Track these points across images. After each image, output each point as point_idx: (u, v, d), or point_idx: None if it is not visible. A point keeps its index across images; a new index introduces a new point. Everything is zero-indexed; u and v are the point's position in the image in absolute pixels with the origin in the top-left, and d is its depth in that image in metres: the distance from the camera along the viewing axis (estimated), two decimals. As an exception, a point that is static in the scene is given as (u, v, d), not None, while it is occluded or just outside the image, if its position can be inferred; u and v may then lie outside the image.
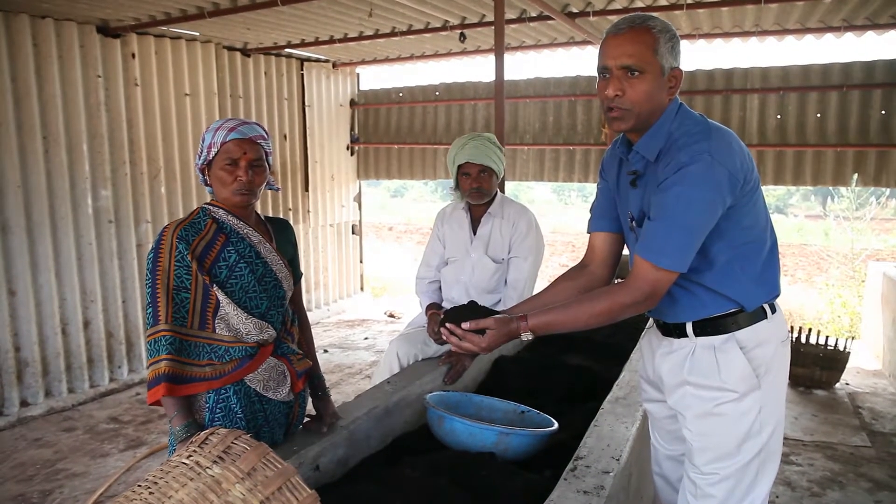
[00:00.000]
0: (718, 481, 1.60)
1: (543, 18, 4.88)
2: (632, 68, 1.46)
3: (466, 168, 2.77)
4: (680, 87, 1.53)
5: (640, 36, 1.46)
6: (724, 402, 1.56)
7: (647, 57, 1.45)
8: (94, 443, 3.91)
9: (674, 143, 1.49)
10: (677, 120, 1.53)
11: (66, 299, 4.64)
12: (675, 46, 1.50)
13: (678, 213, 1.44)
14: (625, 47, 1.46)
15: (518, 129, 6.77)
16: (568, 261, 13.21)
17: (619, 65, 1.46)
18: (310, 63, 6.92)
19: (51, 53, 4.47)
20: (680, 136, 1.49)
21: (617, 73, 1.47)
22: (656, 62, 1.46)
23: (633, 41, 1.46)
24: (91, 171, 4.76)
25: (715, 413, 1.57)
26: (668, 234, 1.45)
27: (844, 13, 4.71)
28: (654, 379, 1.78)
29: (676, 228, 1.45)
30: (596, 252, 1.83)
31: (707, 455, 1.61)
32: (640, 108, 1.49)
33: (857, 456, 3.61)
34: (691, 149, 1.44)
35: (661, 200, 1.47)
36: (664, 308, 1.63)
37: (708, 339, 1.60)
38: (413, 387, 2.54)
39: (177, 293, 1.75)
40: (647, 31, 1.46)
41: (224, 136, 1.79)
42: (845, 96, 5.47)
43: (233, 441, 1.25)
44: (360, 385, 4.88)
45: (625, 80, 1.47)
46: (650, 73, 1.46)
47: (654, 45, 1.45)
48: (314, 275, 7.21)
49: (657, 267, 1.47)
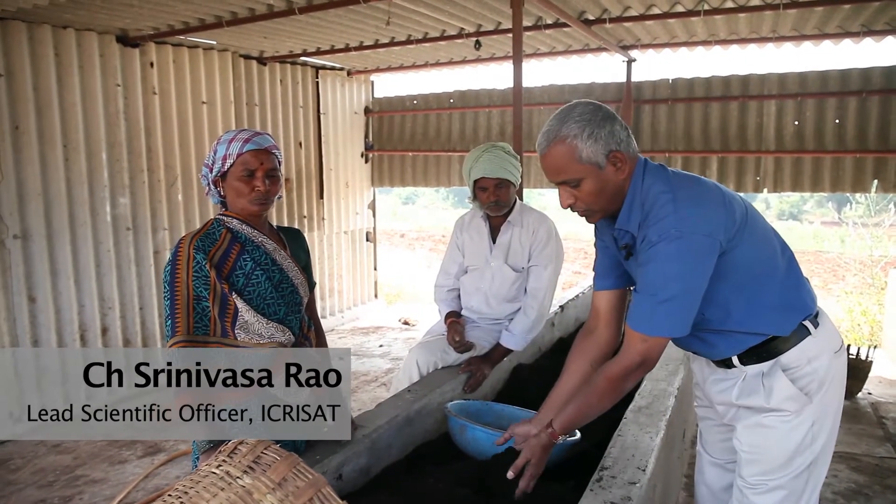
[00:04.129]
0: (766, 491, 1.62)
1: (559, 26, 4.88)
2: (567, 182, 1.52)
3: (482, 183, 2.75)
4: (628, 165, 1.54)
5: (559, 151, 1.50)
6: (772, 418, 1.60)
7: (574, 167, 1.49)
8: (112, 449, 3.93)
9: (645, 219, 1.53)
10: (643, 190, 1.55)
11: (84, 306, 4.68)
12: (599, 136, 1.48)
13: (658, 287, 1.49)
14: (552, 166, 1.52)
15: (533, 137, 6.74)
16: (581, 268, 13.16)
17: (557, 181, 1.54)
18: (325, 71, 6.96)
19: (72, 63, 4.53)
20: (650, 209, 1.52)
21: (560, 188, 1.55)
22: (586, 167, 1.50)
23: (556, 158, 1.51)
24: (110, 179, 4.81)
25: (765, 425, 1.60)
26: (653, 308, 1.50)
27: (863, 18, 4.67)
28: (706, 400, 1.83)
29: (659, 301, 1.49)
30: (601, 313, 1.85)
31: (756, 467, 1.63)
32: (596, 205, 1.55)
33: (882, 467, 3.55)
34: (658, 227, 1.48)
35: (642, 275, 1.53)
36: (704, 351, 1.70)
37: (756, 366, 1.63)
38: (433, 395, 2.52)
39: (197, 303, 1.76)
40: (563, 143, 1.49)
41: (240, 147, 1.80)
42: (864, 102, 5.42)
43: (263, 451, 1.25)
44: (375, 393, 4.87)
45: (570, 191, 1.54)
46: (587, 176, 1.51)
47: (575, 154, 1.49)
48: (329, 282, 7.22)
49: (645, 337, 1.52)
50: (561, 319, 3.97)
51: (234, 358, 1.79)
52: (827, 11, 4.50)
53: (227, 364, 1.77)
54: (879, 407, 4.51)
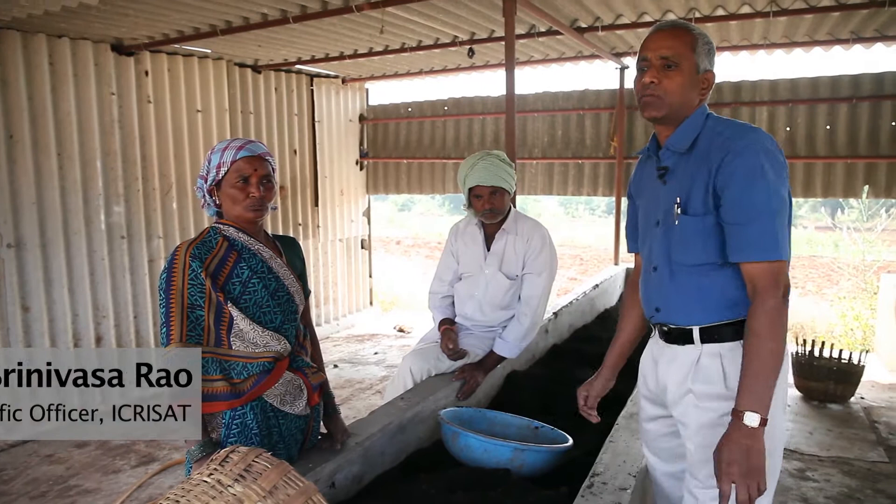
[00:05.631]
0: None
1: (552, 33, 4.91)
2: (669, 60, 1.54)
3: (478, 190, 2.77)
4: (707, 93, 1.61)
5: (681, 33, 1.56)
6: (728, 413, 1.51)
7: (684, 52, 1.55)
8: (106, 459, 3.92)
9: (718, 134, 1.54)
10: (711, 119, 1.60)
11: (78, 315, 4.67)
12: (710, 51, 1.59)
13: (763, 204, 1.46)
14: (665, 41, 1.56)
15: (527, 143, 6.79)
16: (576, 274, 13.18)
17: (658, 55, 1.55)
18: (319, 79, 6.99)
19: (66, 72, 4.54)
20: (725, 129, 1.55)
21: (656, 63, 1.56)
22: (692, 59, 1.55)
23: (674, 37, 1.56)
24: (104, 188, 4.81)
25: (720, 424, 1.54)
26: (772, 229, 1.47)
27: (853, 25, 4.71)
28: (657, 391, 1.75)
29: (773, 220, 1.47)
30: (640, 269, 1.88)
31: (710, 467, 1.55)
32: (672, 97, 1.56)
33: (874, 472, 3.57)
34: (743, 142, 1.49)
35: (745, 200, 1.47)
36: (676, 307, 1.64)
37: (715, 346, 1.59)
38: (427, 402, 2.53)
39: (191, 311, 1.76)
40: (688, 31, 1.57)
41: (234, 154, 1.81)
42: (855, 108, 5.47)
43: (254, 459, 1.25)
44: (370, 400, 4.87)
45: (662, 71, 1.55)
46: (686, 68, 1.55)
47: (692, 44, 1.55)
48: (324, 289, 7.22)
49: (773, 262, 1.47)
50: (555, 326, 3.98)
51: (226, 367, 1.79)
52: (817, 19, 4.54)
53: (220, 373, 1.78)
54: (872, 411, 4.53)
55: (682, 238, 1.59)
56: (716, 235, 1.54)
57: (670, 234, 1.62)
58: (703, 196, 1.54)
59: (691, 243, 1.57)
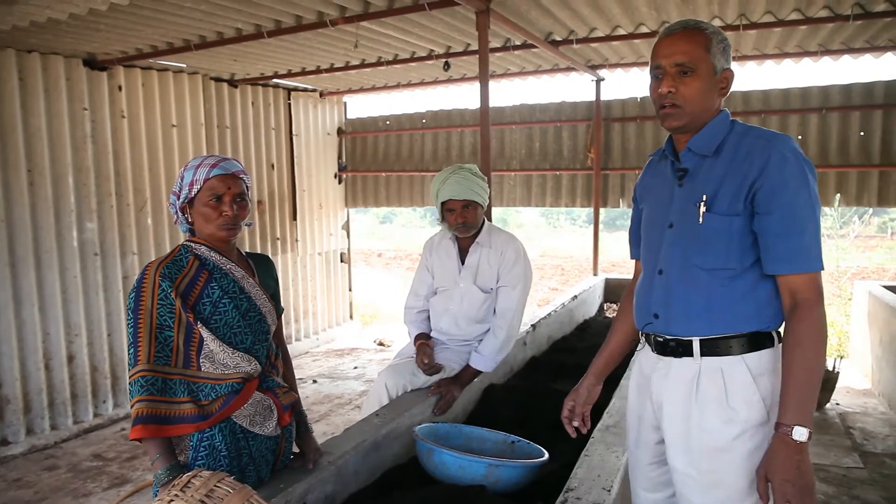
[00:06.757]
0: None
1: (527, 47, 4.95)
2: (685, 66, 1.47)
3: (450, 204, 2.77)
4: (727, 91, 1.55)
5: (693, 36, 1.49)
6: (734, 438, 1.47)
7: (699, 55, 1.47)
8: (76, 482, 3.82)
9: (756, 137, 1.49)
10: (734, 123, 1.55)
11: (49, 334, 4.58)
12: (726, 48, 1.51)
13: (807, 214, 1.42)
14: (678, 46, 1.49)
15: (505, 155, 6.82)
16: (557, 284, 13.23)
17: (672, 63, 1.49)
18: (297, 93, 6.97)
19: (37, 87, 4.47)
20: (758, 132, 1.50)
21: (670, 70, 1.49)
22: (709, 61, 1.48)
23: (687, 40, 1.48)
24: (77, 204, 4.74)
25: (725, 449, 1.48)
26: (817, 239, 1.43)
27: (820, 38, 4.82)
28: (651, 409, 1.64)
29: (817, 230, 1.43)
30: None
31: (715, 494, 1.49)
32: (692, 105, 1.49)
33: (849, 478, 3.60)
34: (788, 144, 1.45)
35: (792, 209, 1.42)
36: (678, 315, 1.55)
37: (715, 360, 1.50)
38: (402, 419, 2.51)
39: (160, 332, 1.73)
40: (700, 32, 1.49)
41: (207, 172, 1.79)
42: (825, 118, 5.58)
43: (216, 484, 1.23)
44: (349, 416, 4.82)
45: (678, 79, 1.49)
46: (703, 71, 1.48)
47: (706, 45, 1.48)
48: (303, 304, 7.16)
49: (811, 273, 1.43)
50: (533, 338, 3.98)
51: (194, 389, 1.76)
52: (786, 32, 4.63)
53: (187, 395, 1.74)
54: (847, 417, 4.58)
55: (704, 238, 1.51)
56: (739, 241, 1.48)
57: (688, 235, 1.54)
58: (732, 198, 1.47)
59: (713, 244, 1.50)
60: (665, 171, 1.65)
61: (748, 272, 1.49)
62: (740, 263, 1.48)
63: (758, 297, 1.49)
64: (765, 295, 1.49)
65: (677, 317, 1.55)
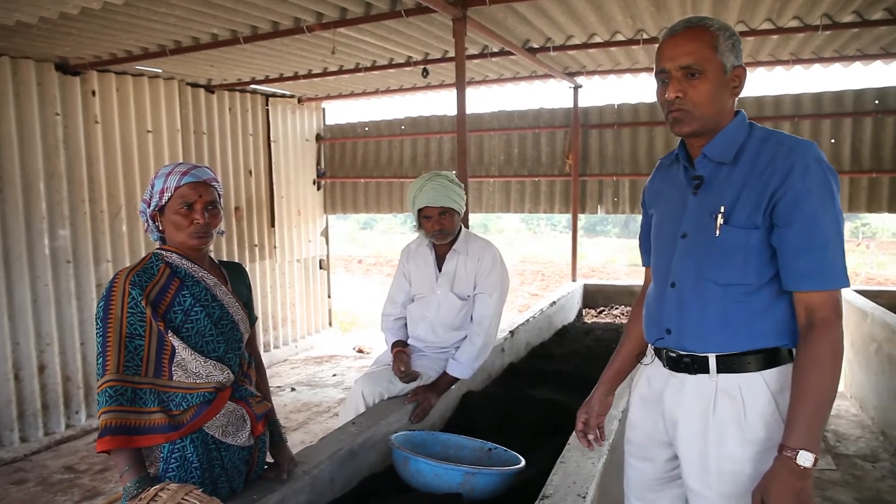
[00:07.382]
0: None
1: (505, 54, 4.98)
2: (691, 68, 1.38)
3: (427, 211, 2.78)
4: (739, 90, 1.46)
5: (698, 34, 1.39)
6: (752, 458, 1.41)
7: (706, 55, 1.38)
8: (46, 495, 3.73)
9: (777, 144, 1.40)
10: (752, 127, 1.47)
11: (19, 343, 4.48)
12: (735, 44, 1.41)
13: (830, 228, 1.35)
14: (682, 47, 1.39)
15: (483, 162, 6.84)
16: (538, 290, 13.28)
17: (677, 65, 1.39)
18: (275, 98, 6.93)
19: (6, 91, 4.39)
20: (780, 139, 1.41)
21: (676, 74, 1.40)
22: (717, 60, 1.38)
23: (691, 40, 1.39)
24: (48, 211, 4.65)
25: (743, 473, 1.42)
26: (841, 255, 1.36)
27: (792, 48, 4.91)
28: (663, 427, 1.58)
29: (841, 245, 1.36)
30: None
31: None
32: (702, 110, 1.40)
33: (822, 479, 3.65)
34: (812, 151, 1.36)
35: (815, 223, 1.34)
36: (693, 330, 1.48)
37: (733, 377, 1.44)
38: (378, 427, 2.49)
39: (130, 341, 1.70)
40: (705, 30, 1.39)
41: (178, 180, 1.77)
42: (797, 126, 5.67)
43: (183, 497, 1.21)
44: (328, 424, 4.78)
45: (685, 82, 1.39)
46: (711, 72, 1.38)
47: (713, 43, 1.38)
48: (281, 311, 7.10)
49: (832, 291, 1.36)
50: (511, 345, 3.99)
51: (164, 399, 1.73)
52: (758, 41, 4.72)
53: (157, 405, 1.71)
54: (821, 420, 4.64)
55: (720, 251, 1.43)
56: (757, 255, 1.40)
57: (703, 248, 1.46)
58: (751, 209, 1.39)
59: (729, 258, 1.42)
60: (677, 177, 1.57)
61: (766, 287, 1.42)
62: (758, 279, 1.41)
63: (777, 312, 1.43)
64: (784, 310, 1.43)
65: (692, 332, 1.48)
